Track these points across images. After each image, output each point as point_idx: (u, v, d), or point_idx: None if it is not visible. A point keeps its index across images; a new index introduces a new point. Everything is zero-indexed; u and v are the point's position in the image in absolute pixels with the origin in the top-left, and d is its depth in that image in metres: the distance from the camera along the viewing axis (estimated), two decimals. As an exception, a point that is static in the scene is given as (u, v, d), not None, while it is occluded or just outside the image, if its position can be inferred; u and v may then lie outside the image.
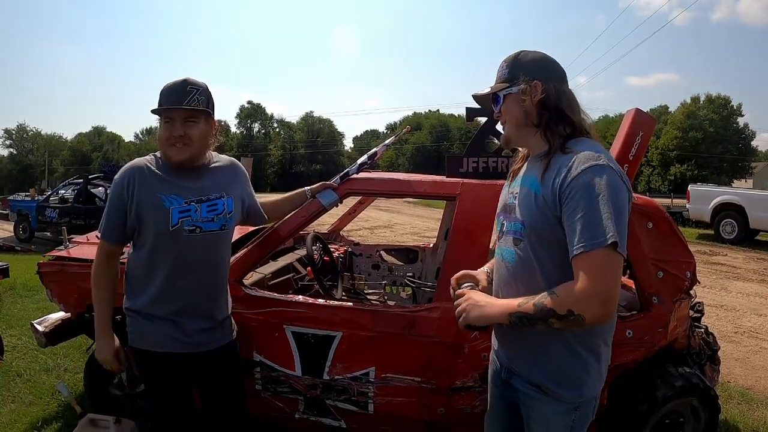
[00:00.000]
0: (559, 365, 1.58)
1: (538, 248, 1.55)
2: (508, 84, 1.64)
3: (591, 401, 1.63)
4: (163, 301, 2.08)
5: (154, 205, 2.00)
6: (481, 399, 2.55)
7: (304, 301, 2.71)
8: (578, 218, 1.40)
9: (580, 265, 1.39)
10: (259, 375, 2.70)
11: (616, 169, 1.45)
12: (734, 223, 12.94)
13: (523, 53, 1.66)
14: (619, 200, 1.40)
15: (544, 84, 1.59)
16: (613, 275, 1.37)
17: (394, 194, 3.02)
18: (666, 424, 2.70)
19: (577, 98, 1.64)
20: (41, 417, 3.40)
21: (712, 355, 3.10)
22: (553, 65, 1.65)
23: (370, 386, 2.59)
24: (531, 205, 1.55)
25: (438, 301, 2.57)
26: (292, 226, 2.79)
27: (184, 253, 2.05)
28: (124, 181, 2.01)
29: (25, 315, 5.52)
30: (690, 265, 2.74)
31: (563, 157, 1.51)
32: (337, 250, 4.22)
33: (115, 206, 2.03)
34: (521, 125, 1.65)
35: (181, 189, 2.05)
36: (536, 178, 1.56)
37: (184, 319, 2.11)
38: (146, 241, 2.04)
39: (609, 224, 1.36)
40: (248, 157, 5.54)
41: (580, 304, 1.37)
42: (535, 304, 1.44)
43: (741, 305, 7.03)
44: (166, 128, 2.02)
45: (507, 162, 2.97)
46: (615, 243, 1.35)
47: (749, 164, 48.62)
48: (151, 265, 2.06)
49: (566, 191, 1.44)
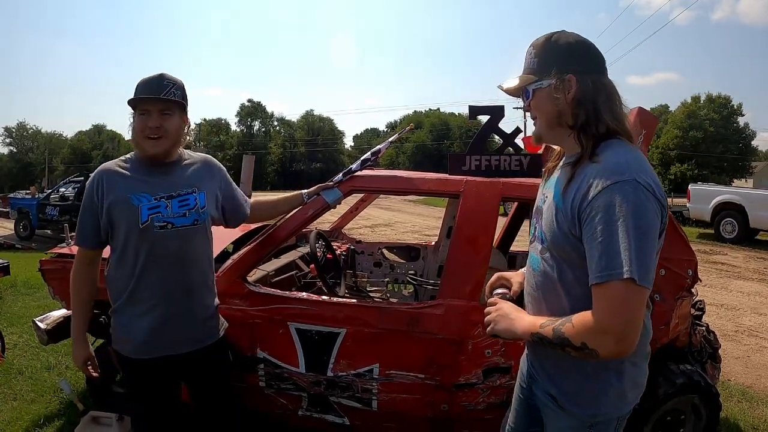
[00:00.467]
0: (573, 381, 1.50)
1: (560, 262, 1.45)
2: (538, 77, 1.45)
3: (611, 422, 1.52)
4: (139, 301, 2.05)
5: (123, 204, 1.98)
6: (485, 396, 2.57)
7: (308, 297, 2.72)
8: (596, 244, 1.28)
9: (596, 295, 1.29)
10: (263, 372, 2.71)
11: (644, 183, 1.28)
12: (734, 222, 12.94)
13: (555, 37, 1.45)
14: (643, 223, 1.26)
15: (579, 78, 1.41)
16: (630, 310, 1.25)
17: (398, 191, 3.03)
18: (667, 422, 2.71)
19: (617, 89, 1.46)
20: (43, 414, 3.41)
21: (713, 353, 3.11)
22: (590, 52, 1.45)
23: (374, 383, 2.60)
24: (552, 219, 1.45)
25: (442, 298, 2.58)
26: (295, 224, 2.81)
27: (156, 249, 2.02)
28: (94, 185, 2.01)
29: (26, 313, 5.53)
30: (691, 263, 2.75)
31: (588, 168, 1.36)
32: (339, 248, 4.23)
33: (88, 211, 2.03)
34: (554, 125, 1.48)
35: (149, 186, 2.03)
36: (561, 187, 1.43)
37: (161, 318, 2.06)
38: (118, 242, 2.03)
39: (627, 255, 1.23)
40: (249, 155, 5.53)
41: (594, 339, 1.28)
42: (555, 329, 1.36)
43: (741, 304, 7.05)
44: (141, 120, 2.01)
45: (509, 160, 2.98)
46: (632, 279, 1.22)
47: (749, 164, 48.55)
48: (125, 265, 2.04)
49: (585, 211, 1.31)
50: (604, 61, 1.47)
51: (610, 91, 1.43)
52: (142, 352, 2.06)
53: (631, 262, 1.22)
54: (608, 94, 1.42)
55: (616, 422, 1.53)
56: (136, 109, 2.02)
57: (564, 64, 1.41)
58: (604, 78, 1.44)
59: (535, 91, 1.47)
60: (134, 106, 2.02)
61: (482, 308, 2.45)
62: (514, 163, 2.99)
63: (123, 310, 2.07)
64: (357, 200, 4.71)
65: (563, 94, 1.41)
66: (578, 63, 1.42)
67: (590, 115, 1.40)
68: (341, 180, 2.87)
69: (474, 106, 3.08)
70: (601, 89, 1.41)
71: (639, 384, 1.53)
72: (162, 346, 2.07)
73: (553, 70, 1.42)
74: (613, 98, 1.43)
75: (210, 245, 2.22)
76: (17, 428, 3.25)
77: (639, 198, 1.27)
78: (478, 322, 2.48)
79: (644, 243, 1.25)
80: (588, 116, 1.40)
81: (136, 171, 2.05)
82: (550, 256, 1.47)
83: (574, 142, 1.44)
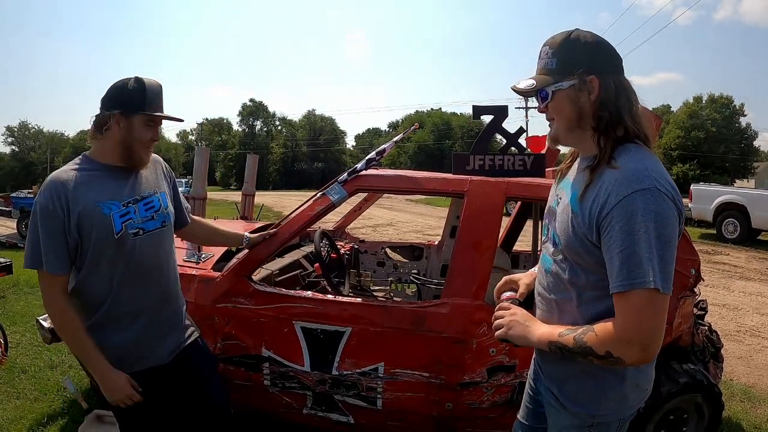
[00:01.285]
0: (574, 381, 1.51)
1: (574, 265, 1.43)
2: (557, 78, 1.40)
3: (612, 423, 1.52)
4: (118, 316, 1.92)
5: (93, 214, 1.82)
6: (489, 395, 2.58)
7: (313, 296, 2.73)
8: (617, 253, 1.26)
9: (619, 304, 1.28)
10: (268, 370, 2.72)
11: (664, 190, 1.27)
12: (736, 222, 12.93)
13: (574, 35, 1.40)
14: (666, 232, 1.26)
15: (602, 79, 1.37)
16: (653, 319, 1.25)
17: (403, 191, 3.04)
18: (670, 420, 2.72)
19: (634, 89, 1.42)
20: (46, 413, 3.42)
21: (715, 353, 3.11)
22: (610, 52, 1.41)
23: (379, 381, 2.61)
24: (567, 223, 1.42)
25: (446, 297, 2.59)
26: (299, 223, 2.82)
27: (132, 259, 1.90)
28: (53, 200, 1.78)
29: (29, 312, 5.54)
30: (694, 263, 2.76)
31: (607, 174, 1.34)
32: (342, 248, 4.25)
33: (52, 231, 1.78)
34: (573, 127, 1.44)
35: (115, 191, 1.89)
36: (578, 192, 1.40)
37: (141, 330, 1.96)
38: (86, 256, 1.84)
39: (650, 265, 1.22)
40: (253, 154, 5.53)
41: (619, 348, 1.27)
42: (576, 338, 1.35)
43: (743, 304, 7.05)
44: (147, 130, 1.92)
45: (513, 160, 3.00)
46: (656, 289, 1.22)
47: (751, 164, 48.51)
48: (98, 280, 1.88)
49: (606, 219, 1.29)
50: (622, 60, 1.43)
51: (629, 91, 1.40)
52: (122, 369, 1.92)
53: (655, 272, 1.22)
54: (628, 95, 1.40)
55: (617, 424, 1.53)
56: (138, 114, 1.89)
57: (586, 64, 1.37)
58: (623, 79, 1.41)
59: (555, 92, 1.41)
60: (134, 112, 1.89)
61: (487, 307, 2.50)
62: (517, 162, 3.00)
63: (99, 327, 1.90)
64: (360, 200, 4.72)
65: (585, 95, 1.38)
66: (600, 63, 1.38)
67: (612, 117, 1.37)
68: (346, 179, 2.88)
69: (478, 106, 3.09)
70: (622, 90, 1.38)
71: (642, 388, 1.52)
72: (144, 357, 1.98)
73: (576, 70, 1.37)
74: (633, 99, 1.41)
75: (174, 246, 2.15)
76: (21, 427, 3.26)
77: (660, 206, 1.26)
78: (483, 320, 2.50)
79: (666, 251, 1.25)
80: (611, 118, 1.37)
81: (97, 177, 1.89)
82: (563, 259, 1.46)
83: (593, 144, 1.42)
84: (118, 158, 1.92)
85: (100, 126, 1.90)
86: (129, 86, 1.90)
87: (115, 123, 1.88)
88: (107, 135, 1.90)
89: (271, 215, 16.30)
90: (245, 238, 2.65)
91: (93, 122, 1.92)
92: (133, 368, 1.94)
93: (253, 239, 2.69)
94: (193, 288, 2.71)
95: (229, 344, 2.72)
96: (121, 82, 1.92)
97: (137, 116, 1.89)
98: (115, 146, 1.91)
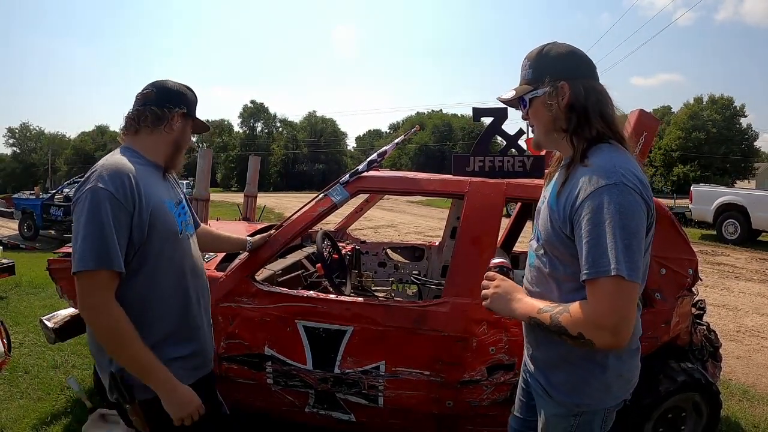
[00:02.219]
0: (560, 371, 1.58)
1: (553, 258, 1.53)
2: (533, 86, 1.53)
3: (597, 413, 1.58)
4: (187, 324, 1.78)
5: (161, 211, 1.70)
6: (489, 393, 2.61)
7: (316, 296, 2.76)
8: (584, 243, 1.35)
9: (588, 291, 1.36)
10: (271, 369, 2.75)
11: (630, 184, 1.36)
12: (737, 223, 12.93)
13: (547, 48, 1.54)
14: (632, 223, 1.33)
15: (572, 84, 1.48)
16: (620, 305, 1.31)
17: (404, 192, 3.07)
18: (668, 419, 2.74)
19: (608, 93, 1.53)
20: (50, 412, 3.45)
21: (713, 352, 3.13)
22: (581, 60, 1.53)
23: (381, 380, 2.64)
24: (546, 218, 1.53)
25: (447, 297, 2.62)
26: (301, 224, 2.85)
27: (189, 261, 1.82)
28: (129, 189, 1.60)
29: (32, 312, 5.58)
30: (692, 263, 2.79)
31: (579, 171, 1.44)
32: (344, 248, 4.27)
33: (121, 222, 1.58)
34: (550, 131, 1.55)
35: (165, 190, 1.81)
36: (556, 189, 1.51)
37: (203, 338, 1.86)
38: (149, 258, 1.67)
39: (614, 254, 1.30)
40: (255, 156, 5.56)
41: (589, 331, 1.34)
42: (552, 317, 1.42)
43: (743, 305, 7.07)
44: (188, 135, 1.90)
45: (513, 161, 3.03)
46: (620, 276, 1.29)
47: (752, 165, 48.48)
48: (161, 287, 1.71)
49: (576, 213, 1.39)
50: (595, 67, 1.54)
51: (601, 94, 1.51)
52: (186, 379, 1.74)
53: (618, 260, 1.29)
54: (599, 97, 1.50)
55: (603, 413, 1.59)
56: (191, 119, 1.89)
57: (557, 72, 1.49)
58: (595, 83, 1.52)
59: (532, 99, 1.54)
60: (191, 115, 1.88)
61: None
62: (517, 164, 3.04)
63: (169, 341, 1.72)
64: (361, 201, 4.75)
65: (557, 100, 1.49)
66: (570, 70, 1.50)
67: (581, 119, 1.48)
68: (348, 181, 2.91)
69: (478, 108, 3.13)
70: (592, 94, 1.48)
71: (626, 378, 1.58)
72: (198, 368, 1.83)
73: (547, 78, 1.50)
74: (604, 101, 1.50)
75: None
76: (24, 426, 3.29)
77: (626, 199, 1.34)
78: (483, 319, 2.54)
79: (632, 241, 1.32)
80: (579, 120, 1.48)
81: (151, 173, 1.77)
82: (544, 253, 1.56)
83: (568, 146, 1.52)
84: (165, 157, 1.84)
85: (159, 121, 1.78)
86: (187, 91, 1.88)
87: (176, 121, 1.82)
88: (163, 132, 1.80)
89: (272, 216, 16.34)
90: (248, 243, 2.67)
91: (145, 116, 1.78)
92: (189, 380, 1.75)
93: (255, 243, 2.72)
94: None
95: (233, 343, 2.75)
96: (181, 85, 1.88)
97: (191, 120, 1.89)
98: (168, 145, 1.83)
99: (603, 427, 1.61)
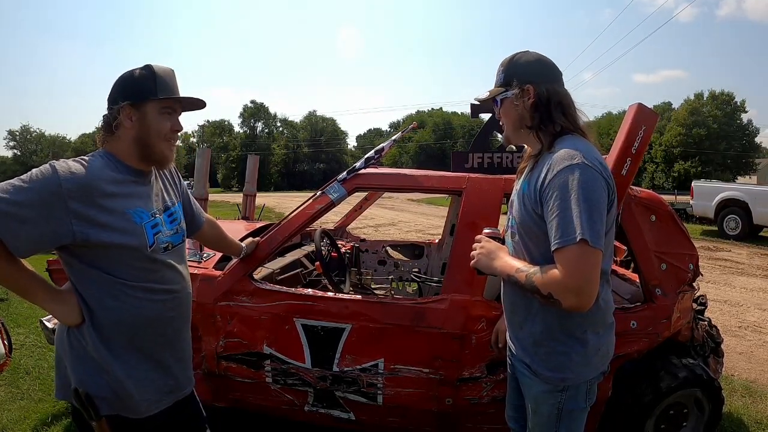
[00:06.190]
0: (543, 348, 1.73)
1: (527, 242, 1.70)
2: (504, 88, 1.74)
3: (580, 386, 1.74)
4: (144, 342, 1.66)
5: (122, 223, 1.57)
6: (488, 390, 2.60)
7: (313, 294, 2.74)
8: (553, 217, 1.53)
9: (557, 259, 1.52)
10: (270, 368, 2.74)
11: (591, 165, 1.54)
12: (738, 219, 12.90)
13: (517, 56, 1.75)
14: (594, 196, 1.51)
15: (537, 87, 1.68)
16: (585, 269, 1.48)
17: (401, 189, 3.06)
18: (670, 415, 2.73)
19: (571, 97, 1.74)
20: (51, 413, 3.45)
21: (715, 348, 3.12)
22: (547, 67, 1.73)
23: (380, 377, 2.63)
24: (520, 202, 1.72)
25: (445, 293, 2.61)
26: (300, 223, 2.84)
27: (164, 276, 1.68)
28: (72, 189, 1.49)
29: (32, 313, 5.56)
30: (693, 258, 2.78)
31: (547, 157, 1.63)
32: (343, 246, 4.27)
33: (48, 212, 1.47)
34: (518, 127, 1.75)
35: (141, 199, 1.65)
36: (527, 175, 1.71)
37: (169, 357, 1.74)
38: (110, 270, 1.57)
39: (578, 222, 1.47)
40: (253, 155, 5.56)
41: (558, 293, 1.52)
42: (527, 276, 1.60)
43: (745, 300, 7.05)
44: (165, 119, 1.66)
45: (511, 158, 3.03)
46: (584, 240, 1.46)
47: (753, 160, 48.33)
48: (122, 301, 1.60)
49: (545, 191, 1.58)
50: (561, 73, 1.75)
51: (563, 96, 1.71)
52: (153, 406, 1.68)
53: (583, 228, 1.47)
54: (560, 99, 1.70)
55: (587, 386, 1.75)
56: (150, 101, 1.63)
57: (525, 76, 1.70)
58: (558, 87, 1.72)
59: (502, 100, 1.76)
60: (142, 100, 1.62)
61: (485, 303, 2.52)
62: (515, 160, 3.03)
63: (121, 358, 1.62)
64: (360, 199, 4.74)
65: (523, 100, 1.70)
66: (536, 75, 1.70)
67: (544, 116, 1.68)
68: (346, 178, 2.90)
69: (476, 104, 3.11)
70: (554, 95, 1.69)
71: (603, 352, 1.76)
72: (171, 390, 1.75)
73: (515, 81, 1.71)
74: (566, 102, 1.71)
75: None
76: (25, 427, 3.29)
77: (587, 175, 1.52)
78: (482, 316, 2.52)
79: (594, 212, 1.50)
80: (542, 117, 1.68)
81: (120, 180, 1.61)
82: (519, 238, 1.73)
83: (536, 141, 1.72)
84: (137, 158, 1.66)
85: (109, 125, 1.63)
86: (136, 74, 1.64)
87: (126, 117, 1.62)
88: (119, 134, 1.64)
89: (272, 216, 16.32)
90: (243, 250, 2.68)
91: (102, 124, 1.67)
92: (159, 406, 1.70)
93: (248, 248, 2.71)
94: (194, 287, 2.71)
95: (231, 342, 2.74)
96: (128, 72, 1.66)
97: (150, 104, 1.63)
98: (131, 143, 1.64)
99: (588, 399, 1.77)
